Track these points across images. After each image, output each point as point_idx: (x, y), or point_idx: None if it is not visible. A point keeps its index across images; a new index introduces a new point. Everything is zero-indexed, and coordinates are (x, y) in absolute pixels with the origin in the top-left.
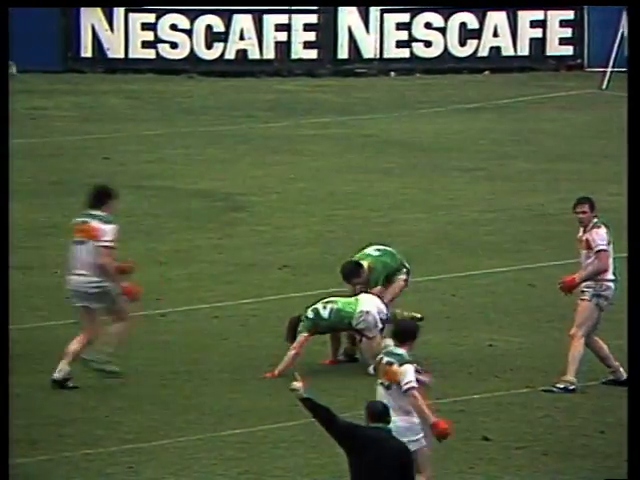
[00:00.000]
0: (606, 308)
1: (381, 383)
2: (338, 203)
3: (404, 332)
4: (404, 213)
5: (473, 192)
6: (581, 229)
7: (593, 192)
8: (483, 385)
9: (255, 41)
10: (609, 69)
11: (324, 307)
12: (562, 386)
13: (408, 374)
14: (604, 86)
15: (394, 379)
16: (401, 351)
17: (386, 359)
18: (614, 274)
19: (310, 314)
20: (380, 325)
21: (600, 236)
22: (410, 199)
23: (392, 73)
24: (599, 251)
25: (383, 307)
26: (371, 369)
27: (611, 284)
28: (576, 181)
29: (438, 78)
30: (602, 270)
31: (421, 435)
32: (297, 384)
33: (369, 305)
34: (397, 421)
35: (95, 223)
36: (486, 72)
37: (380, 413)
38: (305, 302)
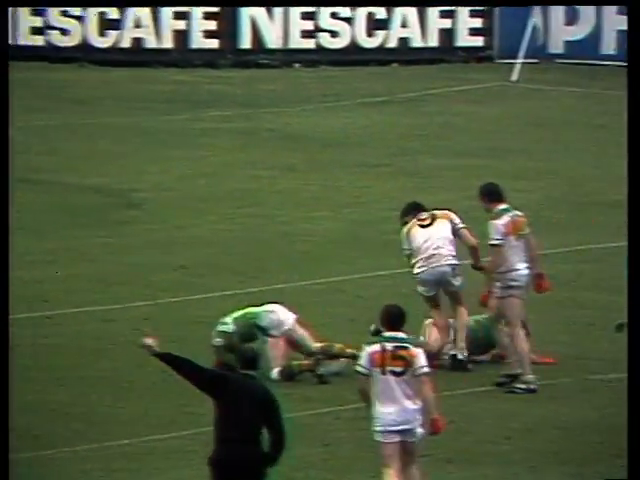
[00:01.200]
0: (524, 297)
1: (391, 371)
2: (239, 201)
3: (397, 316)
4: (308, 211)
5: (379, 189)
6: None
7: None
8: None
9: (152, 29)
10: (519, 60)
11: (223, 323)
12: (523, 387)
13: (423, 357)
14: (514, 78)
15: (410, 363)
16: (403, 335)
17: (391, 345)
18: (525, 261)
19: (218, 340)
20: (285, 327)
21: (494, 229)
22: (314, 196)
23: (296, 64)
24: (490, 245)
25: (290, 321)
26: (275, 373)
27: (520, 272)
28: (484, 177)
29: (344, 70)
30: (495, 266)
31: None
32: (148, 340)
33: (277, 308)
34: (410, 405)
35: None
36: (394, 64)
37: (251, 360)
38: (202, 305)
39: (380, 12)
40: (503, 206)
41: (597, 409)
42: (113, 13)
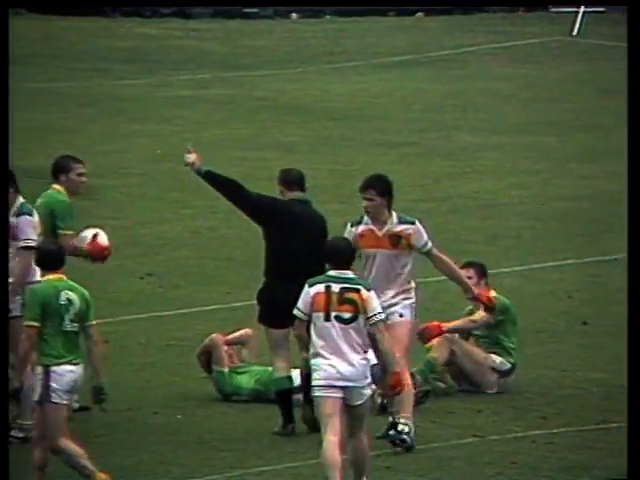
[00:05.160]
0: None
1: (337, 317)
2: None
3: (346, 251)
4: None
5: (403, 175)
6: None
7: (558, 174)
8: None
9: None
10: (581, 9)
11: None
12: (21, 435)
13: (376, 301)
14: (575, 32)
15: (363, 308)
16: (352, 274)
17: (340, 286)
18: None
19: None
20: None
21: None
22: (319, 184)
23: (293, 15)
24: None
25: None
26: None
27: None
28: (538, 160)
29: (355, 22)
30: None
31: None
32: (191, 156)
33: None
34: (358, 359)
35: None
36: (419, 14)
37: (299, 180)
38: (178, 321)
39: None
40: None
41: None
42: None
